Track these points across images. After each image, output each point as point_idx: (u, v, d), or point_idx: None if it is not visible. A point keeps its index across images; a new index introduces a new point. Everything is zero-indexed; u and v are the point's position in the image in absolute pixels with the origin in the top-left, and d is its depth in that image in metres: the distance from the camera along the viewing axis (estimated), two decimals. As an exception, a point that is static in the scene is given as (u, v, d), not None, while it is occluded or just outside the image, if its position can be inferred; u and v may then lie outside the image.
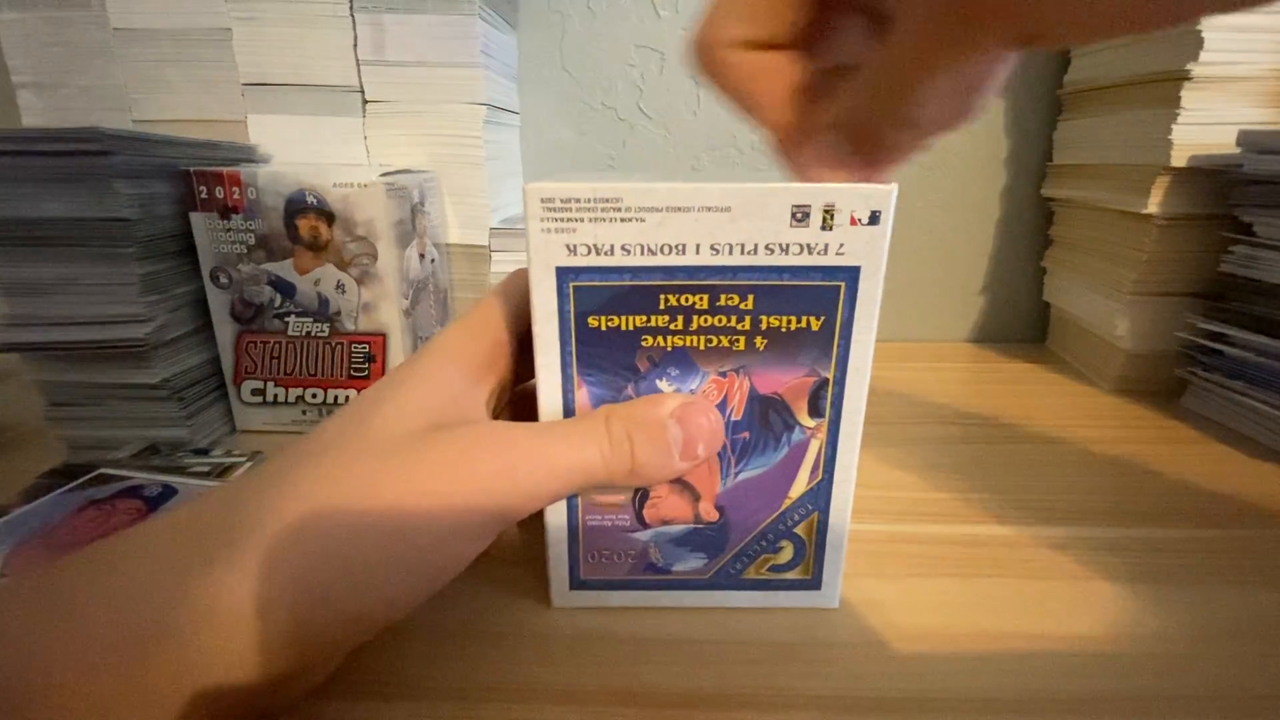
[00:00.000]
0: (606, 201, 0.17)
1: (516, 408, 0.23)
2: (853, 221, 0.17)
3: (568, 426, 0.19)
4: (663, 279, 0.18)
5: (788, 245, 0.18)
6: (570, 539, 0.21)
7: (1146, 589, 0.23)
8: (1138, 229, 0.40)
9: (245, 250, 0.34)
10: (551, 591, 0.22)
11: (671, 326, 0.19)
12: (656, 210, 0.17)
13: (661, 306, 0.19)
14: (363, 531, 0.16)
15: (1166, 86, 0.37)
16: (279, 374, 0.36)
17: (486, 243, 0.44)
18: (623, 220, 0.17)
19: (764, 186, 0.17)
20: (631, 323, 0.19)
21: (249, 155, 0.41)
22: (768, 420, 0.20)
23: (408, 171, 0.39)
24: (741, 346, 0.19)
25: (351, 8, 0.39)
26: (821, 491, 0.21)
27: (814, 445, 0.20)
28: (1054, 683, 0.19)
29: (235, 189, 0.33)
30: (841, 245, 0.18)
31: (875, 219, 0.17)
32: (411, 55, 0.40)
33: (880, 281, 0.18)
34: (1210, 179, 0.37)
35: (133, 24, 0.39)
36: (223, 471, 0.30)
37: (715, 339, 0.19)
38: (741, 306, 0.19)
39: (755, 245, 0.18)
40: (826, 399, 0.20)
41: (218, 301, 0.35)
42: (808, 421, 0.20)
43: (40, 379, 0.32)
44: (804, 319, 0.19)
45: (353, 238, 0.34)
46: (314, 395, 0.36)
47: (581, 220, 0.17)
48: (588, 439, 0.18)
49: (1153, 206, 0.38)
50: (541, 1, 0.49)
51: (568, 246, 0.18)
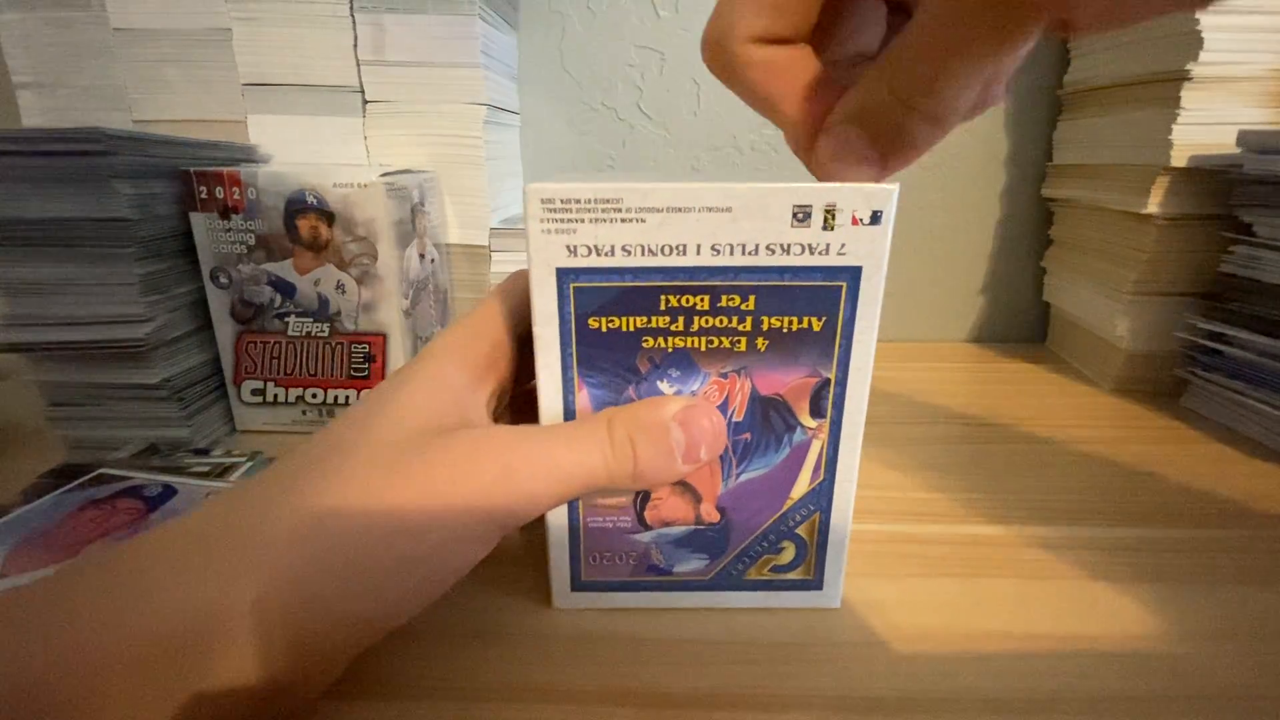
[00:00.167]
0: (607, 202, 0.17)
1: (517, 409, 0.23)
2: (854, 221, 0.17)
3: (570, 430, 0.19)
4: (663, 280, 0.18)
5: (789, 245, 0.18)
6: (571, 540, 0.21)
7: (1147, 589, 0.23)
8: (1138, 229, 0.40)
9: (245, 250, 0.34)
10: (553, 592, 0.22)
11: (672, 327, 0.19)
12: (657, 211, 0.17)
13: (662, 307, 0.19)
14: (364, 537, 0.16)
15: (1166, 86, 0.37)
16: (279, 374, 0.36)
17: (486, 243, 0.44)
18: (623, 221, 0.17)
19: (765, 187, 0.17)
20: (632, 324, 0.19)
21: (249, 155, 0.41)
22: (769, 421, 0.20)
23: (408, 171, 0.39)
24: (743, 347, 0.19)
25: (351, 8, 0.39)
26: (823, 492, 0.21)
27: (815, 446, 0.20)
28: (1054, 683, 0.19)
29: (235, 189, 0.33)
30: (843, 245, 0.18)
31: (877, 219, 0.17)
32: (411, 55, 0.40)
33: (882, 281, 0.18)
34: (1210, 179, 0.37)
35: (133, 24, 0.39)
36: (223, 471, 0.30)
37: (716, 340, 0.19)
38: (743, 307, 0.19)
39: (756, 246, 0.18)
40: (828, 399, 0.20)
41: (218, 301, 0.35)
42: (809, 422, 0.20)
43: (40, 379, 0.32)
44: (805, 319, 0.19)
45: (353, 238, 0.34)
46: (314, 395, 0.36)
47: (582, 221, 0.17)
48: (590, 443, 0.18)
49: (1153, 206, 0.38)
50: (541, 2, 0.49)
51: (568, 247, 0.18)
